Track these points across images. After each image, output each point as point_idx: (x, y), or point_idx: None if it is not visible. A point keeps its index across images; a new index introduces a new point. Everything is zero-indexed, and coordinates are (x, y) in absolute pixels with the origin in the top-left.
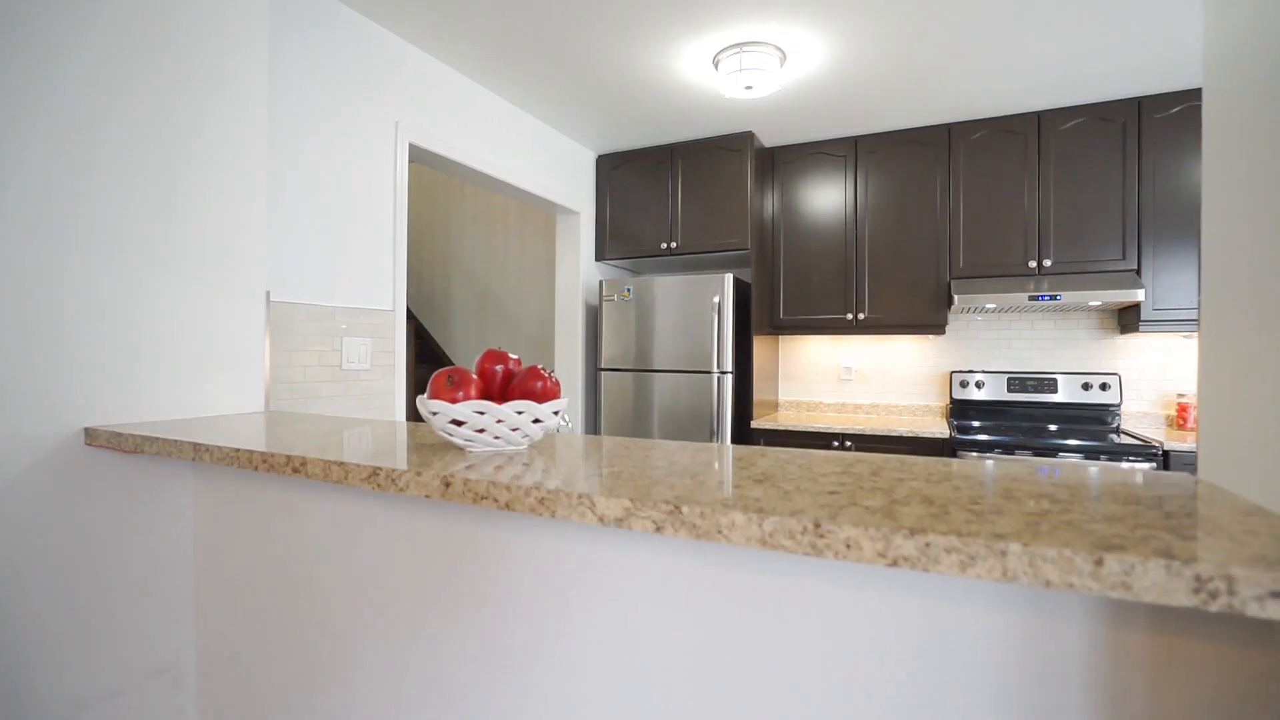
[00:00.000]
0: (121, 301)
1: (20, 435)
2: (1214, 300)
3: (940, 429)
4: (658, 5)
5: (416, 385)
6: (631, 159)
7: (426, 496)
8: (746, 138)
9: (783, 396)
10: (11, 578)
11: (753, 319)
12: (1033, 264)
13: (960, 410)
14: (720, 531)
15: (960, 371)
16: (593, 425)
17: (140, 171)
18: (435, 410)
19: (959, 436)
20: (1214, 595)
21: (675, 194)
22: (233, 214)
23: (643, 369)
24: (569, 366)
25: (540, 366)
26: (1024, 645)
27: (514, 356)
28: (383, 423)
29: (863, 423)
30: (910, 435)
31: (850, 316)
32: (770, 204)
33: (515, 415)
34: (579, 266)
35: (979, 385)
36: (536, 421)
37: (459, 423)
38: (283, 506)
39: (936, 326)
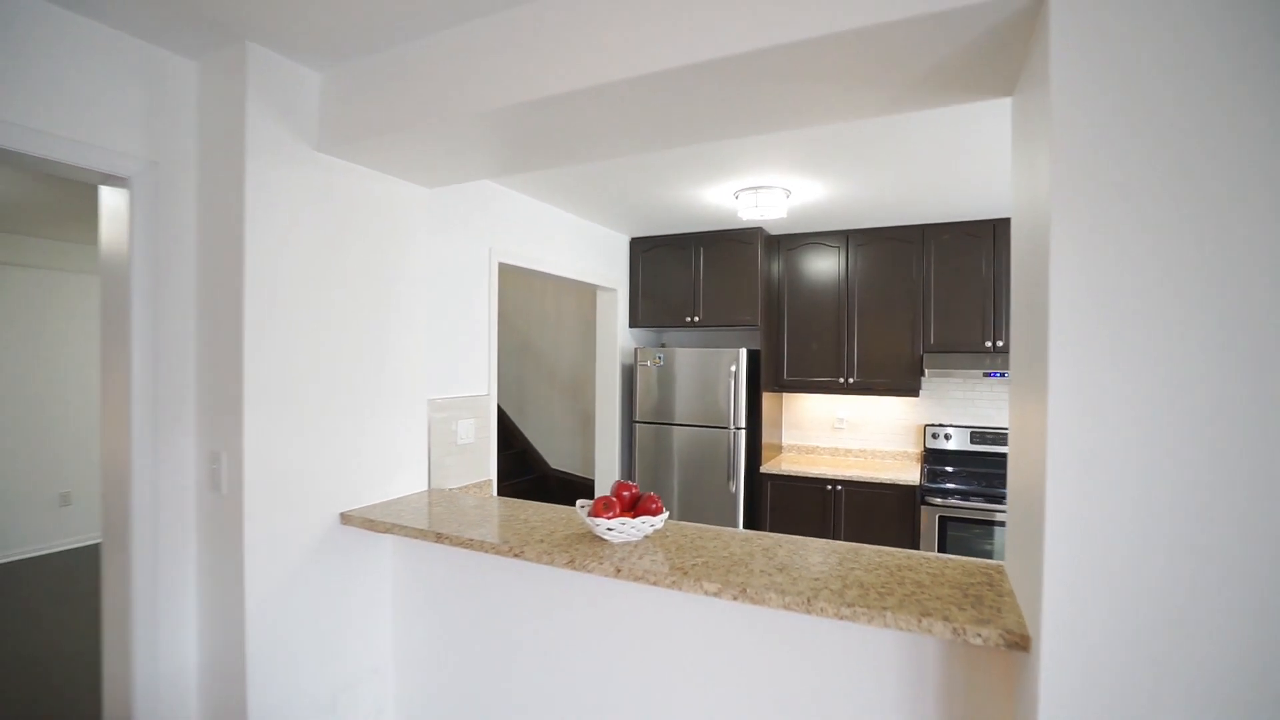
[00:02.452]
0: (356, 430)
1: (315, 518)
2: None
3: (913, 476)
4: (696, 167)
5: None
6: (661, 243)
7: (605, 576)
8: (757, 232)
9: (786, 441)
10: (304, 604)
11: (761, 378)
12: (989, 344)
13: (932, 457)
14: (763, 600)
15: (932, 425)
16: (627, 466)
17: (365, 338)
18: (598, 522)
19: (927, 485)
20: (958, 635)
21: (698, 273)
22: (408, 356)
23: (670, 423)
24: (608, 417)
25: (652, 495)
26: (908, 654)
27: (634, 484)
28: (539, 509)
29: (853, 465)
30: (889, 482)
31: (842, 379)
32: (776, 282)
33: (640, 524)
34: (616, 333)
35: (947, 437)
36: (650, 524)
37: (610, 528)
38: (446, 560)
39: (912, 390)
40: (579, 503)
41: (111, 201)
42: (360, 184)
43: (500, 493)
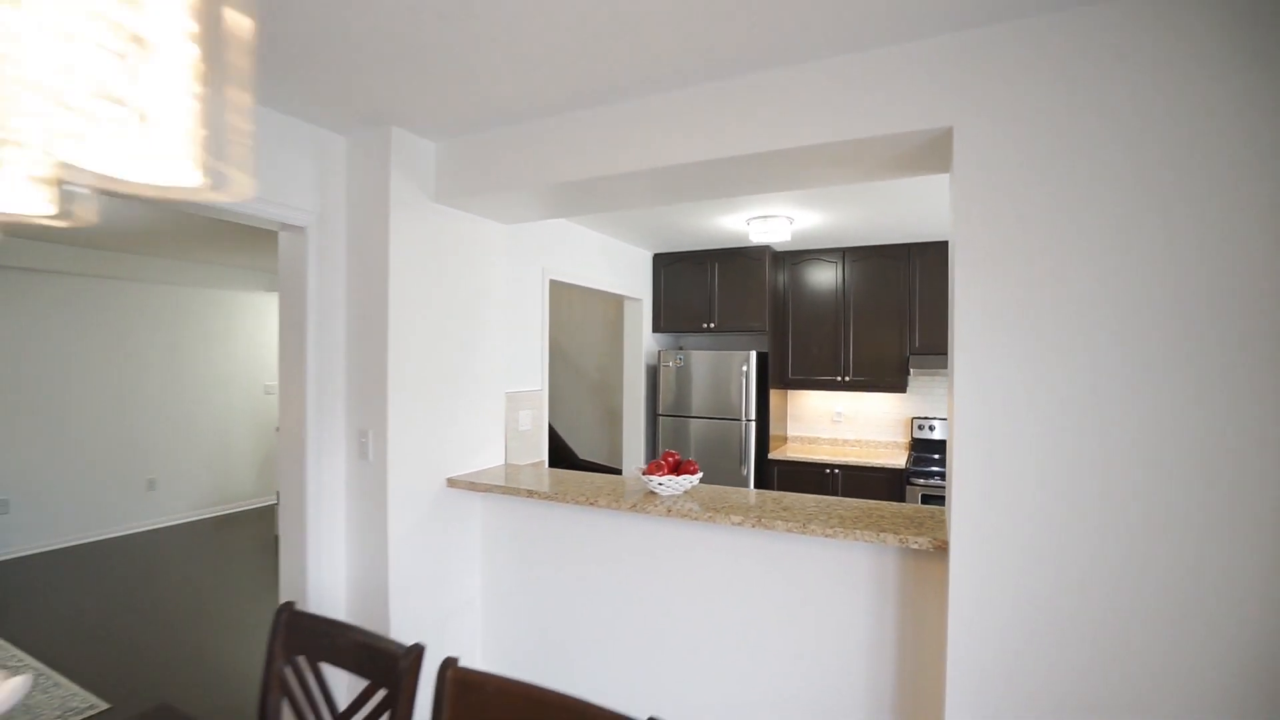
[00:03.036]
0: (456, 416)
1: (431, 481)
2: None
3: (900, 462)
4: (714, 202)
5: None
6: (681, 258)
7: (662, 514)
8: (765, 250)
9: (791, 433)
10: (423, 547)
11: (769, 377)
12: None
13: (918, 446)
14: (772, 525)
15: (918, 418)
16: (652, 454)
17: (462, 344)
18: (651, 479)
19: (913, 468)
20: (903, 542)
21: (713, 285)
22: (489, 358)
23: (688, 415)
24: (634, 411)
25: (690, 460)
26: (873, 563)
27: (674, 453)
28: (604, 477)
29: (849, 453)
30: (878, 466)
31: (840, 378)
32: (782, 293)
33: (682, 480)
34: (641, 338)
35: (931, 428)
36: (688, 481)
37: (660, 483)
38: (526, 513)
39: (900, 387)
40: (634, 468)
41: (288, 242)
42: (459, 224)
43: None
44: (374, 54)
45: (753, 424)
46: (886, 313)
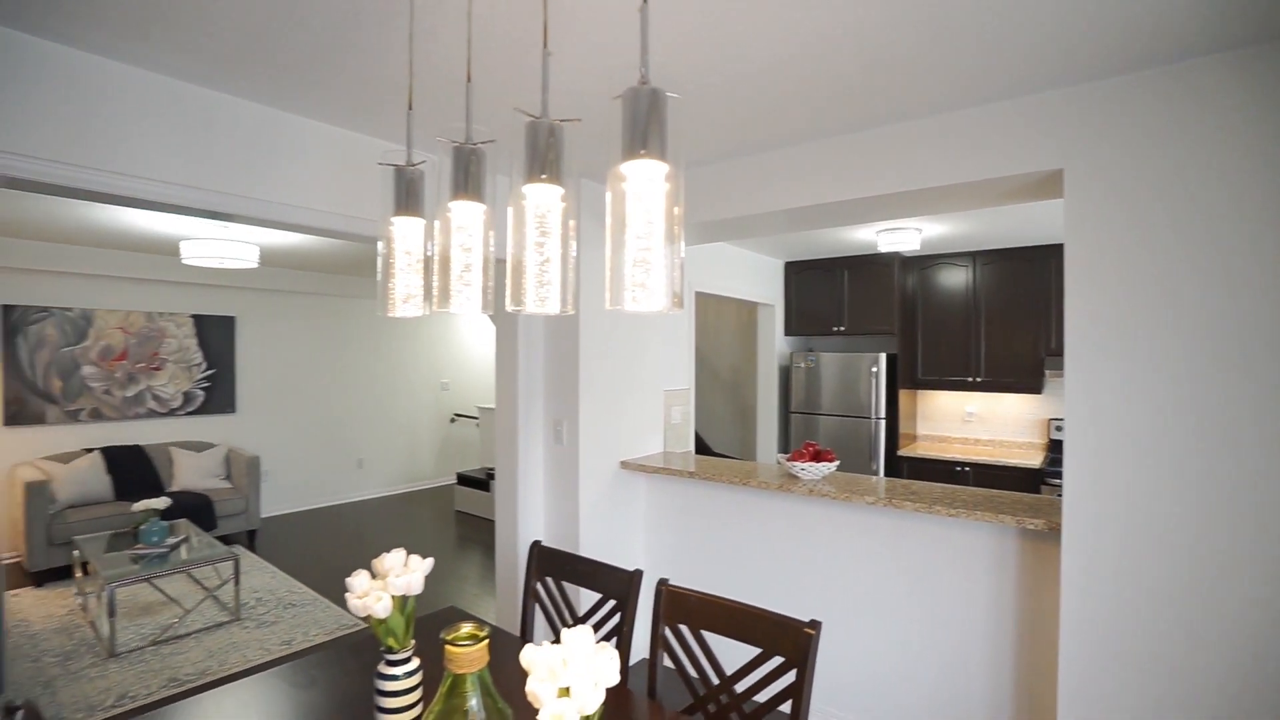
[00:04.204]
0: (627, 407)
1: (609, 463)
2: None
3: (1035, 461)
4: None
5: None
6: (811, 266)
7: (798, 492)
8: (894, 255)
9: (920, 431)
10: (603, 516)
11: (899, 377)
12: None
13: (1055, 447)
14: (901, 505)
15: (1055, 419)
16: (784, 448)
17: (627, 346)
18: (794, 465)
19: (1048, 468)
20: (1020, 523)
21: (843, 290)
22: (650, 358)
23: (818, 413)
24: (767, 409)
25: (829, 450)
26: (993, 542)
27: (814, 443)
28: (750, 463)
29: (981, 452)
30: (1011, 465)
31: (970, 378)
32: (910, 296)
33: (821, 467)
34: (774, 340)
35: None
36: (827, 468)
37: (802, 468)
38: (684, 492)
39: (1035, 388)
40: (777, 456)
41: (504, 270)
42: None
43: None
44: (585, 135)
45: (882, 422)
46: (1021, 314)
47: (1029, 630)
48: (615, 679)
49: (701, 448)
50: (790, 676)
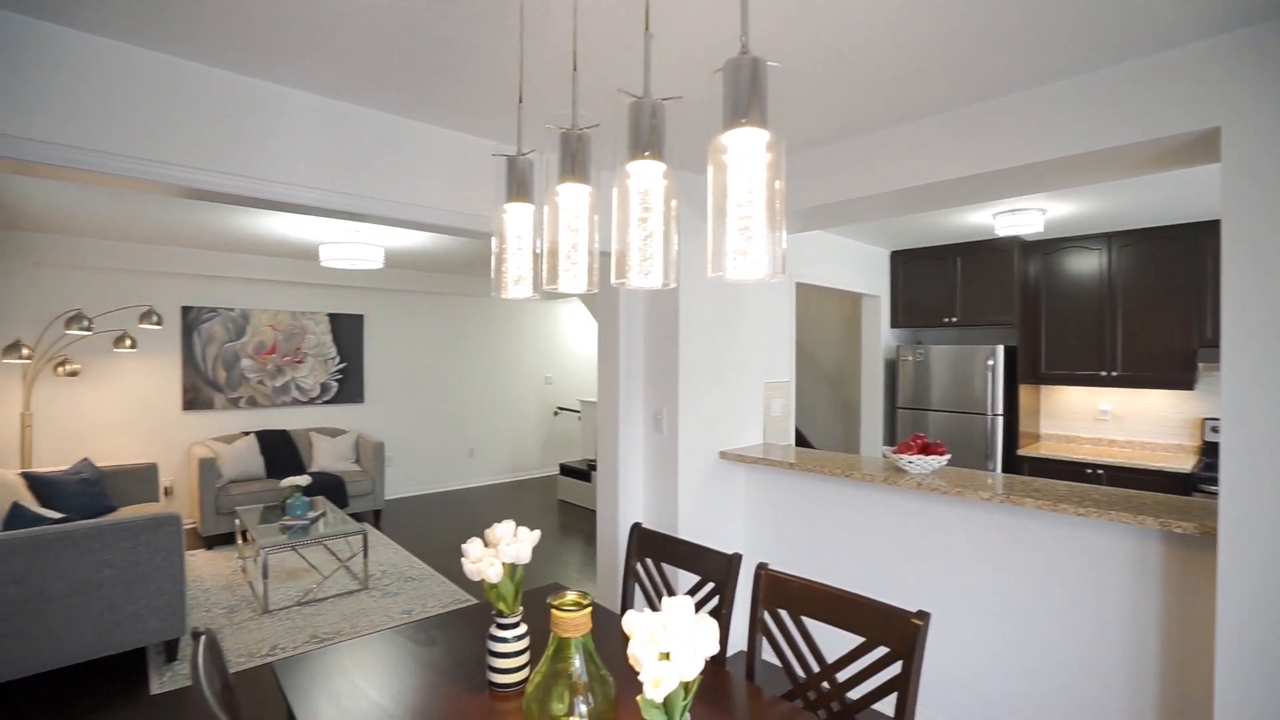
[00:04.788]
0: (726, 398)
1: (708, 452)
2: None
3: (1185, 465)
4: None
5: None
6: (920, 254)
7: (912, 486)
8: (1013, 240)
9: (1044, 430)
10: (699, 502)
11: (1019, 371)
12: None
13: (1209, 450)
14: (1020, 502)
15: (1211, 418)
16: (891, 444)
17: (731, 339)
18: (901, 458)
19: (1201, 473)
20: (1164, 526)
21: (956, 279)
22: (750, 351)
23: (928, 408)
24: (872, 403)
25: (939, 442)
26: (1131, 547)
27: (923, 436)
28: (852, 456)
29: (1117, 454)
30: (1155, 469)
31: (1104, 372)
32: (1033, 284)
33: (931, 460)
34: (879, 332)
35: None
36: (937, 461)
37: (910, 461)
38: (784, 483)
39: (1185, 383)
40: (882, 449)
41: (606, 264)
42: None
43: None
44: (683, 121)
45: (1000, 418)
46: (1167, 301)
47: (1175, 643)
48: (715, 648)
49: (801, 443)
50: (895, 669)
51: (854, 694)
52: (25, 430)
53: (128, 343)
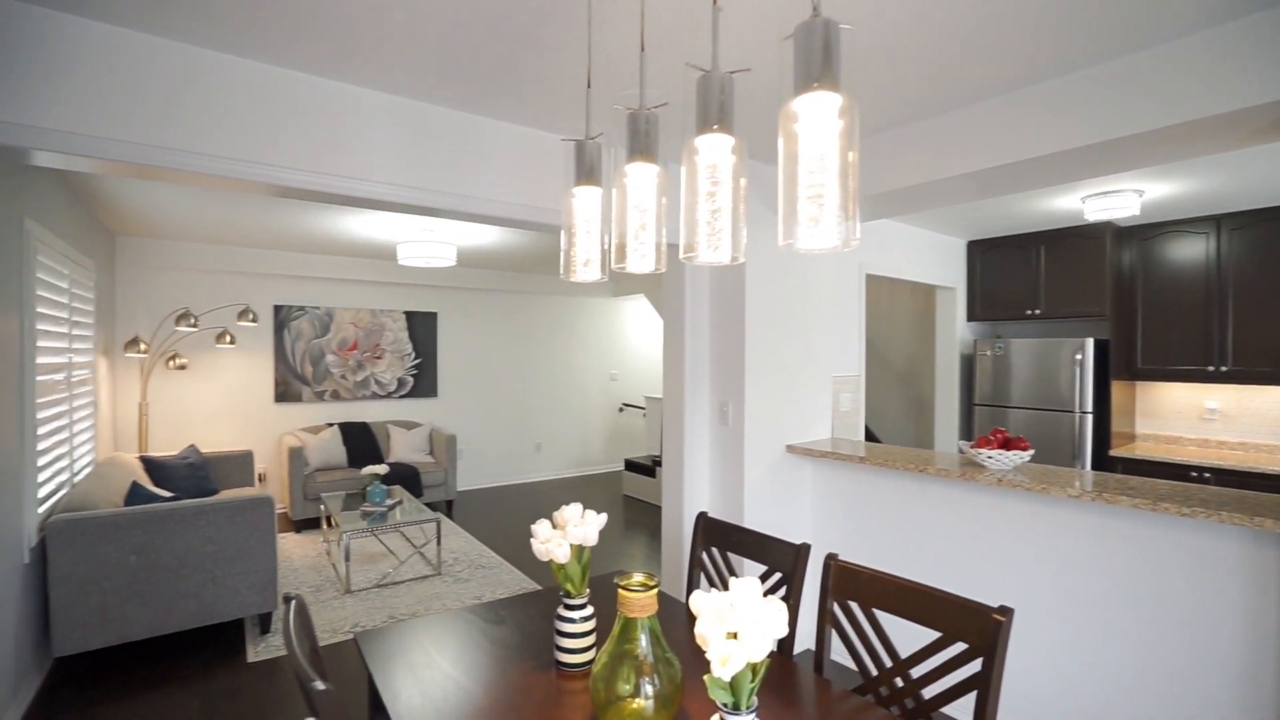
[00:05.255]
0: (793, 392)
1: (774, 446)
2: None
3: None
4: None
5: None
6: (999, 244)
7: (993, 484)
8: (1105, 227)
9: (1140, 430)
10: (769, 494)
11: (1110, 367)
12: None
13: None
14: (1115, 500)
15: None
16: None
17: (797, 332)
18: (979, 452)
19: None
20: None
21: (1039, 269)
22: (818, 344)
23: (1008, 405)
24: (947, 400)
25: (1021, 437)
26: (1246, 553)
27: (1004, 430)
28: (926, 451)
29: (1226, 457)
30: (1273, 473)
31: (1211, 368)
32: (1127, 273)
33: (1012, 455)
34: (955, 326)
35: None
36: (1018, 456)
37: (990, 456)
38: (853, 477)
39: None
40: (958, 443)
41: (669, 263)
42: None
43: None
44: (759, 110)
45: (1089, 416)
46: None
47: None
48: (783, 630)
49: (870, 440)
50: (973, 667)
51: (928, 691)
52: (143, 418)
53: (228, 339)
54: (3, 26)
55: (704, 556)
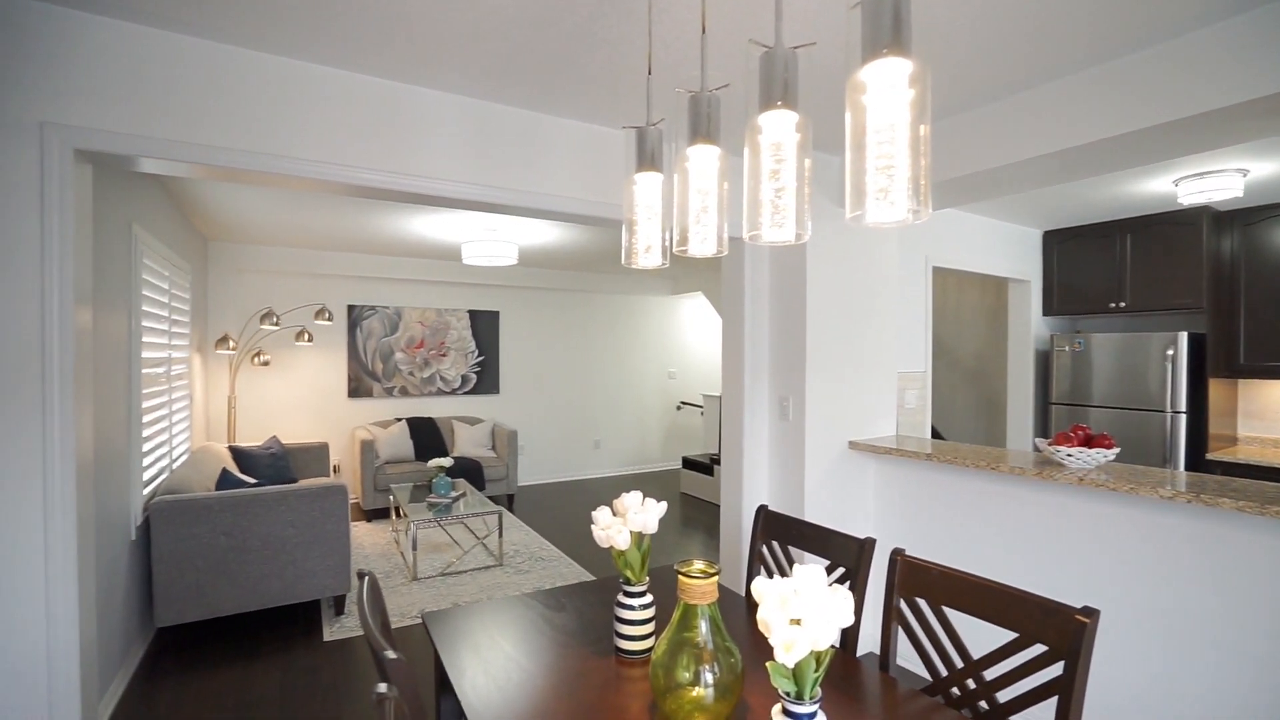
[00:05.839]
0: (856, 387)
1: (836, 441)
2: None
3: None
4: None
5: None
6: (1079, 233)
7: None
8: (1201, 212)
9: (1242, 433)
10: (829, 490)
11: (1207, 364)
12: None
13: None
14: (1216, 503)
15: None
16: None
17: (860, 326)
18: (1059, 450)
19: None
20: None
21: (1124, 260)
22: (883, 339)
23: (1089, 404)
24: (1020, 399)
25: (1105, 434)
26: None
27: (1085, 427)
28: (997, 449)
29: None
30: None
31: None
32: (1228, 261)
33: (1095, 454)
34: (1029, 321)
35: None
36: (1102, 455)
37: (1069, 454)
38: (918, 475)
39: None
40: (1034, 440)
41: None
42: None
43: None
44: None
45: (1182, 417)
46: None
47: None
48: (849, 619)
49: (937, 440)
50: (1052, 671)
51: (1004, 695)
52: (231, 411)
53: (306, 337)
54: (118, 47)
55: (764, 550)
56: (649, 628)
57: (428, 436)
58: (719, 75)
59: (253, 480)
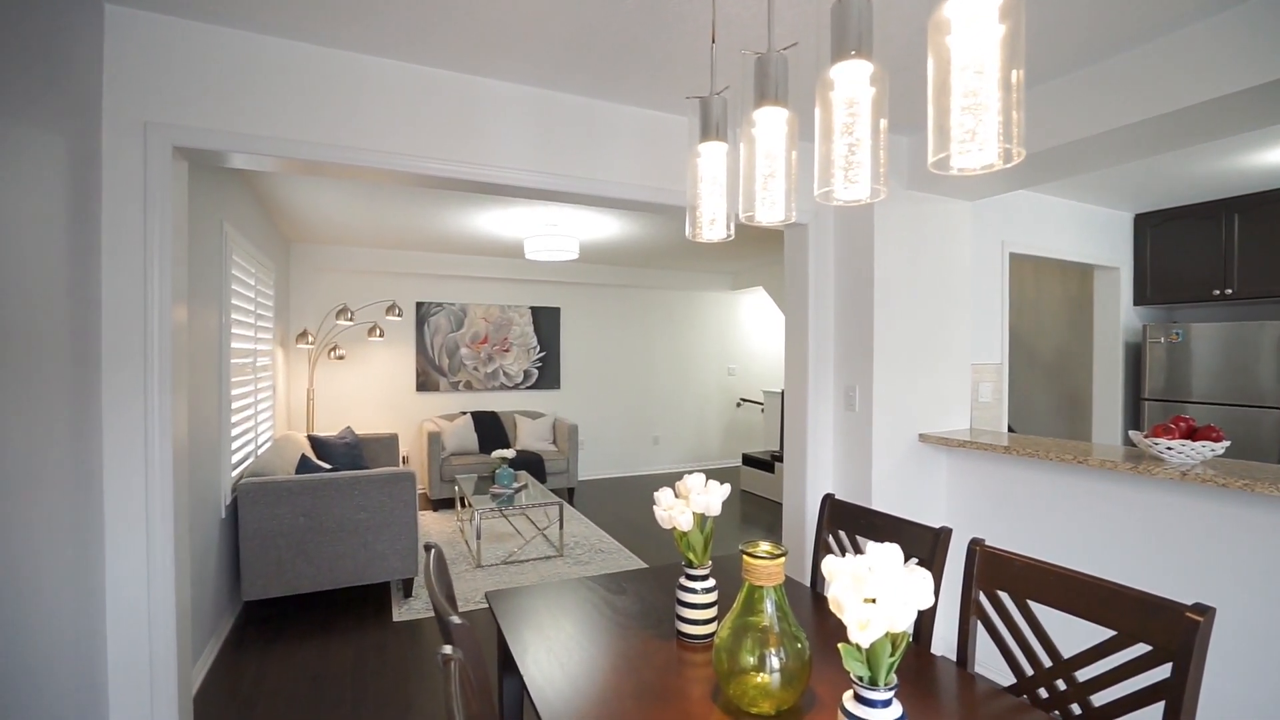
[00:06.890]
0: (927, 378)
1: (905, 434)
2: None
3: None
4: (1231, 138)
5: None
6: (1176, 215)
7: (1169, 478)
8: None
9: None
10: (898, 482)
11: None
12: None
13: None
14: None
15: None
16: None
17: (931, 315)
18: (1158, 443)
19: None
20: None
21: (1230, 243)
22: (955, 329)
23: (1188, 400)
24: (1109, 395)
25: (1212, 425)
26: None
27: (1189, 418)
28: (1081, 442)
29: None
30: None
31: None
32: None
33: (1200, 447)
34: (1118, 312)
35: None
36: (1209, 448)
37: (1169, 447)
38: (997, 472)
39: None
40: (1129, 432)
41: (792, 237)
42: (929, 206)
43: None
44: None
45: None
46: None
47: None
48: (928, 600)
49: None
50: (1160, 672)
51: (1099, 698)
52: (310, 402)
53: (378, 332)
54: (206, 49)
55: (830, 540)
56: (711, 612)
57: (491, 430)
58: (785, 36)
59: (328, 466)
